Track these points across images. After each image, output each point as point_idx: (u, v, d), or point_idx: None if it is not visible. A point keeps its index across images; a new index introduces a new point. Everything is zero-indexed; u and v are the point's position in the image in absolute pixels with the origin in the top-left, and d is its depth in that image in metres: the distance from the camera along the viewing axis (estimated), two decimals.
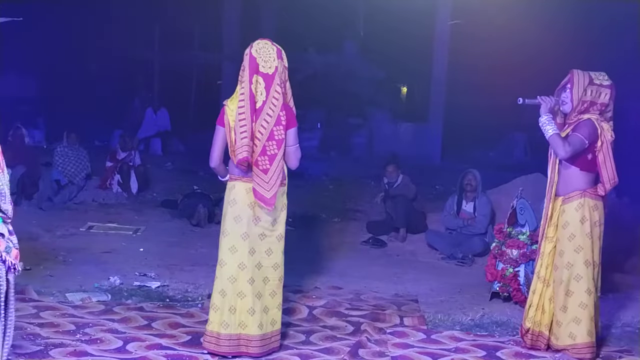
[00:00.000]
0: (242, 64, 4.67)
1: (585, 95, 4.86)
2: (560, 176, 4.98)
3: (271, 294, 4.78)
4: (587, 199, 4.89)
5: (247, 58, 4.63)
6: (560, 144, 4.81)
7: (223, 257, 4.71)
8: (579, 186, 4.91)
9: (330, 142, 14.65)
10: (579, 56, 11.08)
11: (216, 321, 4.69)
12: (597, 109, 4.87)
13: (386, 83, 16.31)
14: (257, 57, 4.61)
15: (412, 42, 14.12)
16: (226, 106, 4.72)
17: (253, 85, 4.58)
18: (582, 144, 4.82)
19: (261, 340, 4.72)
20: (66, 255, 7.08)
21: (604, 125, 4.88)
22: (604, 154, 4.86)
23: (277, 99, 4.61)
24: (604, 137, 4.85)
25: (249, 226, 4.68)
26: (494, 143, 14.98)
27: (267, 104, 4.59)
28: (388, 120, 15.37)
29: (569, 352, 4.95)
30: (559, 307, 4.99)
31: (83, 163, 10.16)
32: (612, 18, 10.53)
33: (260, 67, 4.60)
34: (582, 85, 4.86)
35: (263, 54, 4.63)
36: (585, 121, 4.85)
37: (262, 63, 4.61)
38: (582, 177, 4.92)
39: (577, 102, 4.87)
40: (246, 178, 4.69)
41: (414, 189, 9.14)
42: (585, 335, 4.93)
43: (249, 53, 4.64)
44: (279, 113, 4.60)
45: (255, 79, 4.59)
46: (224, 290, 4.69)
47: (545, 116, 4.90)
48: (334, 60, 15.58)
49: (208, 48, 15.57)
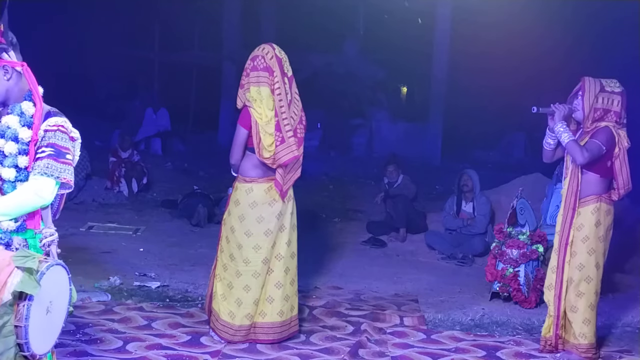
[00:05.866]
0: (254, 65, 4.79)
1: (597, 102, 4.88)
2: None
3: (291, 282, 5.03)
4: (602, 204, 4.95)
5: (274, 61, 4.78)
6: (578, 151, 4.85)
7: (247, 256, 4.88)
8: (595, 191, 4.95)
9: (330, 142, 14.66)
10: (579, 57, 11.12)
11: (240, 315, 4.91)
12: (613, 117, 4.91)
13: (386, 83, 16.31)
14: (282, 58, 4.82)
15: (412, 42, 14.12)
16: (252, 108, 4.79)
17: (286, 85, 4.79)
18: (599, 151, 4.86)
19: (281, 327, 4.97)
20: (66, 255, 7.04)
21: (621, 133, 4.94)
22: (621, 161, 4.94)
23: (298, 100, 4.89)
24: (621, 145, 4.92)
25: (270, 223, 4.88)
26: (494, 143, 14.98)
27: (292, 105, 4.84)
28: (388, 120, 15.37)
29: (577, 351, 4.97)
30: (569, 307, 5.01)
31: (83, 163, 10.14)
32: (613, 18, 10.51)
33: (285, 69, 4.82)
34: (593, 92, 4.89)
35: (283, 56, 4.85)
36: (602, 128, 4.89)
37: (285, 65, 4.83)
38: (600, 182, 4.96)
39: (588, 110, 4.89)
40: (262, 179, 4.87)
41: (414, 189, 9.14)
42: (592, 336, 5.01)
43: (274, 55, 4.79)
44: (301, 113, 4.89)
45: (285, 80, 4.79)
46: (248, 286, 4.90)
47: (560, 123, 4.94)
48: (334, 60, 15.58)
49: (208, 48, 15.57)
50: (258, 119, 4.76)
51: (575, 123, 5.07)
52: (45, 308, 2.82)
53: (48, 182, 2.95)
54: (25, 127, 3.00)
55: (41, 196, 2.95)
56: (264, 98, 4.77)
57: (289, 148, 4.76)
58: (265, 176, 4.88)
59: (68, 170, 3.00)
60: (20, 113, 3.01)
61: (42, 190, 2.94)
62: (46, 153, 2.96)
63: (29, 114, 3.01)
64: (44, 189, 2.95)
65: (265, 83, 4.76)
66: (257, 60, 4.81)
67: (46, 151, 2.97)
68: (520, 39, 12.09)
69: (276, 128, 4.74)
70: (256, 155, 4.81)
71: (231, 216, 4.96)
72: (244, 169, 4.92)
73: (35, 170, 2.95)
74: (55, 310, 2.87)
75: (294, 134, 4.79)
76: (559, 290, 5.02)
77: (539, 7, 11.90)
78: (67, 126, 3.05)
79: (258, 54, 4.84)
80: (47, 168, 2.95)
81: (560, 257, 5.02)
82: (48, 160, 2.96)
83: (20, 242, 2.97)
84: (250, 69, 4.83)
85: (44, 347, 2.85)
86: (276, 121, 4.75)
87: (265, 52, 4.81)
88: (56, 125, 3.00)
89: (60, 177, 2.97)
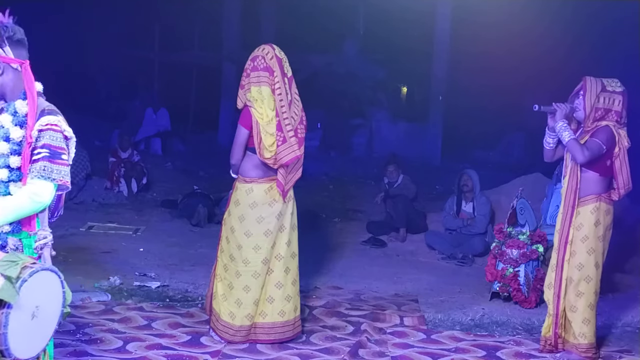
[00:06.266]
0: (255, 65, 4.80)
1: (598, 102, 4.88)
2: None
3: (293, 282, 5.02)
4: (602, 203, 4.95)
5: (274, 61, 4.79)
6: (578, 149, 4.85)
7: (247, 256, 4.89)
8: (595, 190, 4.95)
9: (330, 142, 14.65)
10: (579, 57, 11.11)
11: (240, 315, 4.91)
12: (614, 116, 4.91)
13: (386, 83, 16.30)
14: (282, 58, 4.83)
15: (413, 42, 14.12)
16: (252, 108, 4.79)
17: (286, 85, 4.80)
18: (600, 150, 4.87)
19: (282, 327, 4.97)
20: (66, 255, 7.07)
21: (621, 132, 4.94)
22: (621, 161, 4.94)
23: (299, 100, 4.90)
24: (621, 144, 4.93)
25: (270, 223, 4.88)
26: (494, 143, 14.97)
27: (292, 105, 4.85)
28: (388, 120, 15.36)
29: (577, 351, 4.97)
30: (568, 307, 5.01)
31: (83, 163, 10.16)
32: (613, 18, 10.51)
33: (285, 69, 4.83)
34: (594, 92, 4.89)
35: (283, 56, 4.86)
36: (603, 127, 4.90)
37: (285, 65, 4.84)
38: (599, 181, 4.96)
39: (590, 110, 4.90)
40: (262, 179, 4.88)
41: (414, 189, 9.14)
42: (592, 336, 5.01)
43: (275, 55, 4.81)
44: (301, 114, 4.90)
45: (285, 80, 4.80)
46: (248, 286, 4.90)
47: (561, 122, 4.94)
48: (334, 60, 15.58)
49: (208, 48, 15.57)
50: (259, 118, 4.77)
51: (575, 122, 5.06)
52: (30, 314, 2.77)
53: (45, 185, 2.91)
54: (17, 127, 2.95)
55: (39, 200, 2.91)
56: (265, 98, 4.77)
57: (290, 148, 4.77)
58: (266, 176, 4.89)
59: (64, 171, 2.96)
60: (13, 112, 2.97)
61: (39, 194, 2.91)
62: (41, 155, 2.92)
63: (22, 113, 2.96)
64: (41, 193, 2.91)
65: (265, 83, 4.77)
66: (257, 61, 4.82)
67: (41, 152, 2.92)
68: (520, 39, 12.08)
69: (277, 128, 4.75)
70: (257, 155, 4.81)
71: (231, 216, 4.97)
72: (244, 169, 4.93)
73: (32, 173, 2.91)
74: (43, 314, 2.83)
75: (294, 134, 4.80)
76: (558, 289, 5.02)
77: (539, 7, 11.89)
78: (60, 125, 2.98)
79: (258, 54, 4.84)
80: (44, 171, 2.91)
81: (560, 256, 5.02)
82: (43, 162, 2.91)
83: (15, 243, 2.95)
84: (250, 69, 4.83)
85: (30, 351, 2.82)
86: (277, 121, 4.76)
87: (265, 53, 4.82)
88: (49, 124, 2.94)
89: (57, 180, 2.94)
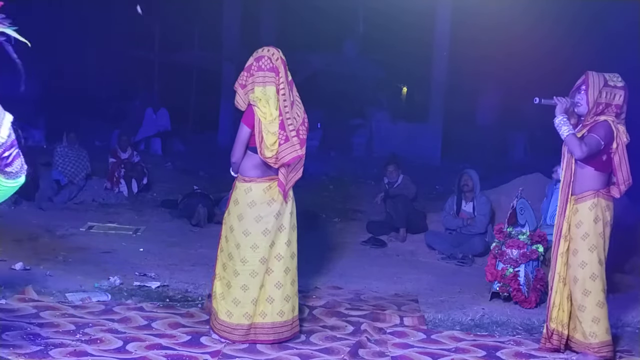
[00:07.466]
0: (260, 65, 4.82)
1: (600, 97, 4.86)
2: (575, 175, 4.99)
3: (292, 282, 5.02)
4: (600, 199, 4.92)
5: (280, 62, 4.85)
6: (576, 144, 4.83)
7: (245, 255, 4.89)
8: (593, 186, 4.93)
9: (330, 142, 14.66)
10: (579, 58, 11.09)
11: (237, 314, 4.91)
12: (613, 110, 4.89)
13: (386, 83, 16.32)
14: (285, 61, 4.88)
15: (413, 43, 14.13)
16: (256, 107, 4.81)
17: (289, 87, 4.84)
18: (598, 145, 4.84)
19: (282, 327, 4.97)
20: (66, 255, 7.08)
21: (620, 127, 4.91)
22: (620, 156, 4.90)
23: (300, 102, 4.93)
24: (620, 139, 4.89)
25: (269, 222, 4.88)
26: (494, 143, 14.98)
27: (294, 106, 4.89)
28: (388, 120, 15.37)
29: (590, 352, 4.92)
30: (576, 307, 4.97)
31: (83, 163, 10.16)
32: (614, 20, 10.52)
33: (287, 72, 4.88)
34: (597, 87, 4.86)
35: (285, 59, 4.90)
36: (601, 122, 4.87)
37: (287, 68, 4.89)
38: (597, 177, 4.93)
39: (592, 104, 4.87)
40: (261, 178, 4.89)
41: (414, 189, 9.14)
42: (604, 334, 4.94)
43: (280, 57, 4.86)
44: (303, 115, 4.92)
45: (288, 81, 4.85)
46: (246, 285, 4.89)
47: (561, 116, 4.92)
48: (334, 60, 15.59)
49: (208, 48, 15.58)
50: (262, 117, 4.78)
51: (576, 117, 5.04)
52: None
53: None
54: None
55: None
56: (270, 97, 4.79)
57: (292, 147, 4.78)
58: (265, 176, 4.89)
59: None
60: None
61: None
62: None
63: None
64: None
65: (271, 83, 4.80)
66: (262, 61, 4.83)
67: None
68: (520, 41, 12.09)
69: (280, 127, 4.77)
70: (257, 155, 4.82)
71: (230, 215, 4.98)
72: (244, 169, 4.93)
73: None
74: None
75: (297, 134, 4.82)
76: (552, 282, 5.03)
77: (539, 9, 11.90)
78: None
79: (264, 54, 4.86)
80: None
81: (554, 250, 5.03)
82: None
83: None
84: (255, 69, 4.84)
85: None
86: (280, 120, 4.78)
87: (271, 54, 4.86)
88: None
89: None
